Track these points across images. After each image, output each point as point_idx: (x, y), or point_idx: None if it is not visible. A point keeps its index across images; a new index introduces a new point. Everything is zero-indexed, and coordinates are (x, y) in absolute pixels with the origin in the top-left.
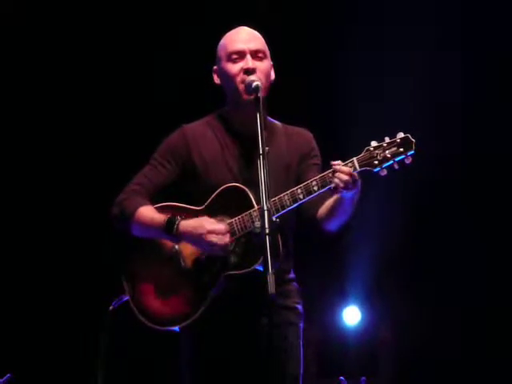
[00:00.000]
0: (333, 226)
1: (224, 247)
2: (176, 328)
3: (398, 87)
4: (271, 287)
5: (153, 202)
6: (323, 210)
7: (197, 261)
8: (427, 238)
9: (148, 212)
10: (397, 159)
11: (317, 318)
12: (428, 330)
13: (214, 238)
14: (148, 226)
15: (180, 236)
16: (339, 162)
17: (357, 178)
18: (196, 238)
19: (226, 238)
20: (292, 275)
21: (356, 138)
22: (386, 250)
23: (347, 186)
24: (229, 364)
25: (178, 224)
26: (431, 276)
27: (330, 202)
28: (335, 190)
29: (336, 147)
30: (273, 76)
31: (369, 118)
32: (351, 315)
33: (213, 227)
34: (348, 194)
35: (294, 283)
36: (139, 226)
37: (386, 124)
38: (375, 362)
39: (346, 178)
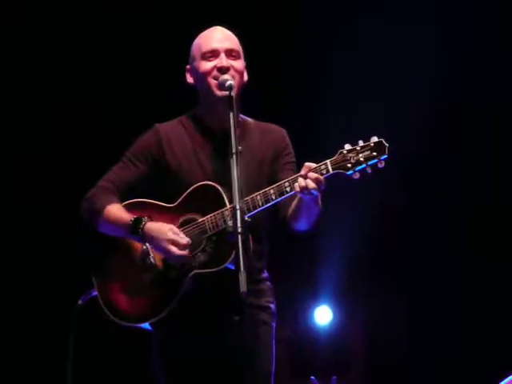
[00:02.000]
0: (302, 226)
1: (180, 259)
2: (147, 326)
3: (372, 88)
4: (243, 286)
5: (124, 199)
6: (290, 210)
7: (165, 260)
8: (398, 237)
9: (116, 210)
10: (370, 163)
11: (288, 317)
12: (399, 330)
13: (172, 248)
14: (115, 224)
15: (143, 237)
16: (312, 164)
17: (323, 182)
18: (157, 243)
19: (184, 252)
20: (265, 274)
21: (330, 140)
22: (357, 250)
23: (306, 189)
24: (200, 363)
25: (143, 225)
26: (402, 275)
27: (295, 203)
28: (300, 193)
29: (310, 149)
30: (246, 77)
31: (344, 121)
32: (322, 315)
33: (174, 238)
34: (307, 197)
35: (268, 282)
36: (106, 224)
37: (361, 126)
38: (346, 361)
39: (309, 182)
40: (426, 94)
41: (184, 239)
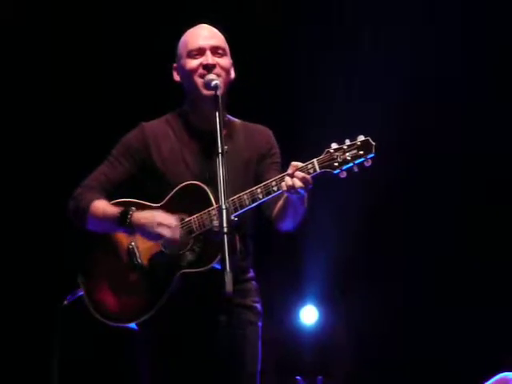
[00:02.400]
0: (287, 225)
1: (172, 239)
2: (133, 325)
3: (358, 88)
4: (228, 286)
5: (110, 198)
6: (276, 210)
7: (153, 258)
8: (385, 238)
9: (103, 205)
10: (357, 162)
11: (274, 317)
12: (385, 330)
13: (163, 230)
14: (102, 218)
15: (132, 227)
16: (298, 163)
17: (310, 181)
18: (146, 229)
19: (176, 232)
20: (251, 274)
21: (317, 139)
22: (343, 250)
23: (293, 188)
24: (186, 362)
25: (131, 215)
26: (388, 276)
27: (281, 202)
28: (287, 191)
29: (297, 148)
30: (233, 74)
31: (331, 119)
32: (308, 315)
33: (163, 219)
34: (294, 196)
35: (253, 282)
36: (94, 220)
37: (347, 125)
38: (332, 361)
39: (296, 181)
40: (408, 92)
41: (173, 219)
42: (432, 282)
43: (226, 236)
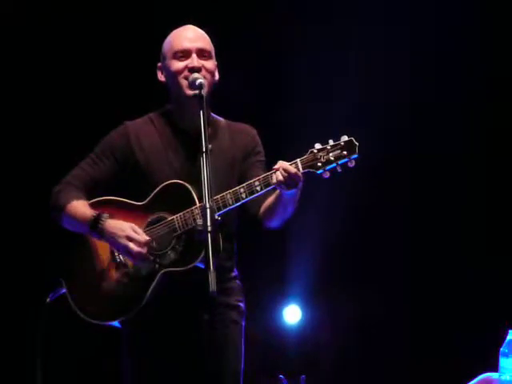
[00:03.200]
0: (274, 223)
1: (137, 256)
2: (116, 323)
3: (343, 88)
4: (212, 285)
5: (91, 196)
6: (265, 207)
7: (129, 259)
8: (369, 237)
9: (79, 206)
10: (340, 162)
11: (257, 316)
12: (368, 329)
13: (130, 245)
14: (76, 220)
15: (102, 235)
16: (282, 162)
17: (300, 177)
18: (115, 240)
19: (143, 249)
20: (235, 273)
21: (300, 139)
22: (327, 249)
23: (288, 182)
24: (169, 361)
25: (103, 222)
26: (373, 275)
27: (271, 200)
28: (277, 185)
29: (280, 148)
30: (217, 76)
31: (314, 120)
32: (292, 314)
33: (133, 235)
34: (288, 192)
35: (237, 281)
36: (68, 219)
37: (331, 125)
38: (315, 360)
39: (285, 174)
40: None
41: (143, 237)
42: (419, 282)
43: (209, 235)
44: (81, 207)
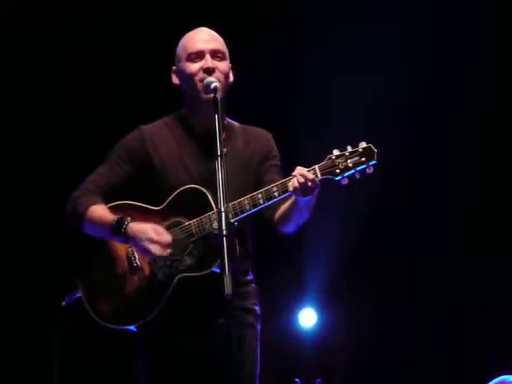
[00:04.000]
0: (289, 228)
1: (161, 258)
2: (132, 328)
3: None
4: (228, 288)
5: (108, 201)
6: (280, 212)
7: (152, 261)
8: (385, 241)
9: (99, 211)
10: (358, 169)
11: (273, 319)
12: (384, 332)
13: (152, 247)
14: (98, 224)
15: (126, 238)
16: (303, 168)
17: (317, 184)
18: (138, 243)
19: (166, 251)
20: (250, 277)
21: (319, 145)
22: (343, 252)
23: (304, 189)
24: (184, 365)
25: (126, 225)
26: (388, 278)
27: (286, 205)
28: (294, 192)
29: (298, 155)
30: (231, 78)
31: (332, 127)
32: (307, 317)
33: (156, 237)
34: (305, 199)
35: (253, 285)
36: (90, 224)
37: (349, 132)
38: (331, 364)
39: (302, 181)
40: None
41: (166, 238)
42: (433, 284)
43: (225, 239)
44: (102, 212)
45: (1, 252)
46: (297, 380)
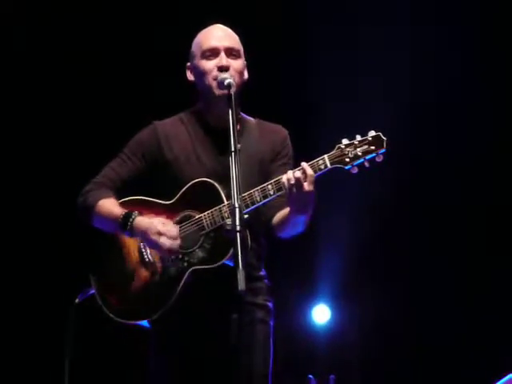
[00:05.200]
0: (285, 234)
1: (169, 250)
2: (145, 323)
3: (369, 87)
4: (241, 284)
5: (120, 196)
6: (278, 217)
7: (163, 256)
8: (397, 237)
9: (108, 204)
10: (368, 157)
11: (286, 316)
12: (397, 329)
13: (161, 239)
14: (106, 218)
15: (133, 232)
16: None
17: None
18: (146, 237)
19: (175, 243)
20: (263, 272)
21: (328, 135)
22: (356, 249)
23: (292, 187)
24: (197, 360)
25: (133, 220)
26: (401, 275)
27: (285, 211)
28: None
29: (307, 144)
30: (246, 75)
31: (341, 117)
32: (320, 314)
33: (164, 229)
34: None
35: (265, 280)
36: (99, 218)
37: (358, 123)
38: (344, 360)
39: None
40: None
41: (173, 230)
42: (446, 282)
43: (238, 234)
44: (110, 206)
45: (14, 251)
46: (310, 376)
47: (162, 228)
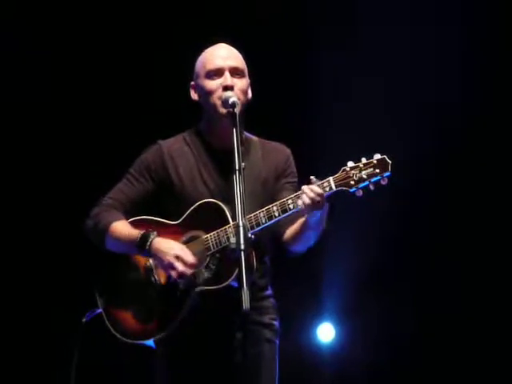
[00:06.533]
0: (297, 248)
1: (182, 274)
2: (150, 343)
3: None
4: (245, 303)
5: (128, 217)
6: (290, 232)
7: (169, 277)
8: (402, 255)
9: (123, 226)
10: (373, 180)
11: (291, 334)
12: (403, 347)
13: (176, 263)
14: (122, 240)
15: (151, 253)
16: (315, 179)
17: (323, 197)
18: (163, 258)
19: (188, 270)
20: (269, 291)
21: (332, 157)
22: (361, 267)
23: (312, 204)
24: (202, 380)
25: (151, 240)
26: (406, 293)
27: (297, 225)
28: (304, 207)
29: (312, 167)
30: (250, 94)
31: (347, 137)
32: (325, 332)
33: (181, 254)
34: (313, 219)
35: (271, 299)
36: (113, 241)
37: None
38: (349, 379)
39: (311, 194)
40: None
41: (191, 258)
42: (452, 299)
43: (242, 253)
44: (125, 227)
45: (21, 270)
46: None
47: (181, 252)
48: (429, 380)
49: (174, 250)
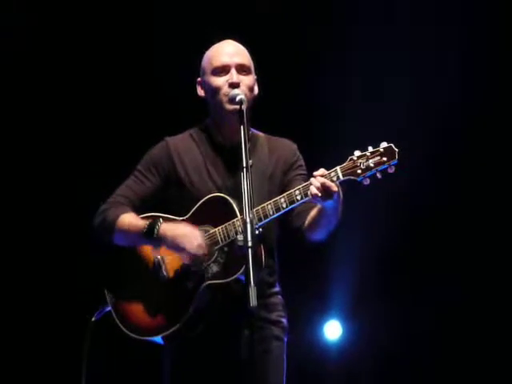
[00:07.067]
0: (318, 235)
1: (196, 252)
2: (159, 339)
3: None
4: (252, 300)
5: (137, 213)
6: (308, 220)
7: (178, 271)
8: (409, 251)
9: (130, 218)
10: (380, 168)
11: (298, 332)
12: (410, 345)
13: (187, 243)
14: (129, 231)
15: (160, 239)
16: (323, 170)
17: (333, 187)
18: (171, 241)
19: (200, 246)
20: (277, 288)
21: (340, 147)
22: (368, 264)
23: (322, 194)
24: (210, 376)
25: (159, 227)
26: (413, 290)
27: (314, 213)
28: (313, 198)
29: (320, 157)
30: (256, 90)
31: (354, 127)
32: (332, 330)
33: (189, 232)
34: (329, 204)
35: (279, 296)
36: (121, 233)
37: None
38: (356, 376)
39: (317, 184)
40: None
41: (200, 238)
42: (459, 298)
43: (250, 250)
44: (133, 219)
45: (29, 269)
46: None
47: (188, 231)
48: (437, 376)
49: (180, 230)
